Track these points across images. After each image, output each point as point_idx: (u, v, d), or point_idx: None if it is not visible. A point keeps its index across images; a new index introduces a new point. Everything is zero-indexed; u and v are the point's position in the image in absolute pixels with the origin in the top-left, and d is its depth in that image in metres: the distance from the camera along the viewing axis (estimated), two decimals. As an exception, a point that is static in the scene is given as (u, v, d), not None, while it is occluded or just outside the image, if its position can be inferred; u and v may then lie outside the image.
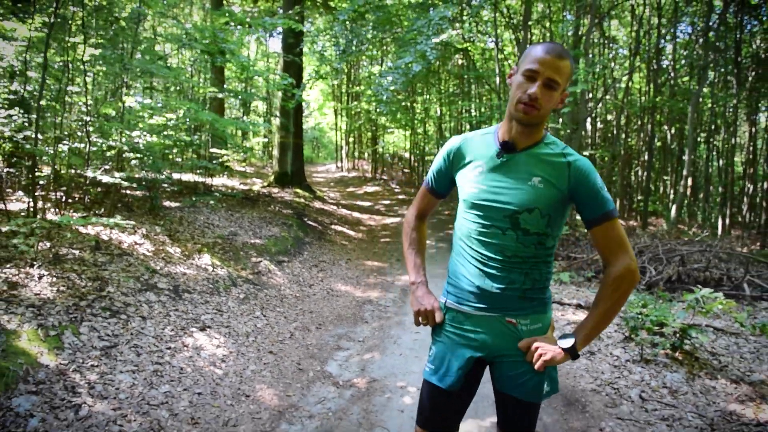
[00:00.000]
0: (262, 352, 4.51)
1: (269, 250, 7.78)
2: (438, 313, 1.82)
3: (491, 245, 1.69)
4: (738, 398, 3.53)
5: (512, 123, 1.69)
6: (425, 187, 1.99)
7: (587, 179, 1.64)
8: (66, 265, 4.97)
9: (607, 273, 1.67)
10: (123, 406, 3.25)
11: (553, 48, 1.62)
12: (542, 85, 1.58)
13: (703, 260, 7.69)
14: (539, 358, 1.62)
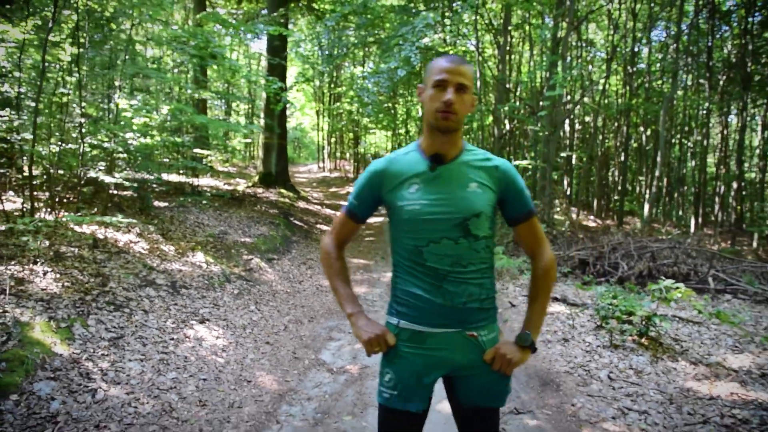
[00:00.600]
0: (259, 342, 4.79)
1: (259, 248, 8.04)
2: (390, 336, 1.77)
3: (446, 257, 1.70)
4: (695, 377, 3.92)
5: (434, 135, 1.74)
6: (346, 215, 1.93)
7: (514, 180, 1.76)
8: (67, 263, 5.19)
9: (536, 266, 1.81)
10: (135, 390, 3.51)
11: (454, 58, 1.73)
12: (454, 90, 1.66)
13: (672, 256, 8.13)
14: (509, 363, 1.71)
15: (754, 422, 3.19)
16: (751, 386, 3.76)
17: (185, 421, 3.29)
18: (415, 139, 10.98)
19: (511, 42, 18.58)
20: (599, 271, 8.02)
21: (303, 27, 24.09)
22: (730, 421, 3.21)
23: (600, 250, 8.48)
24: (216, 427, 3.27)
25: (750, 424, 3.18)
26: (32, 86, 7.43)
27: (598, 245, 8.79)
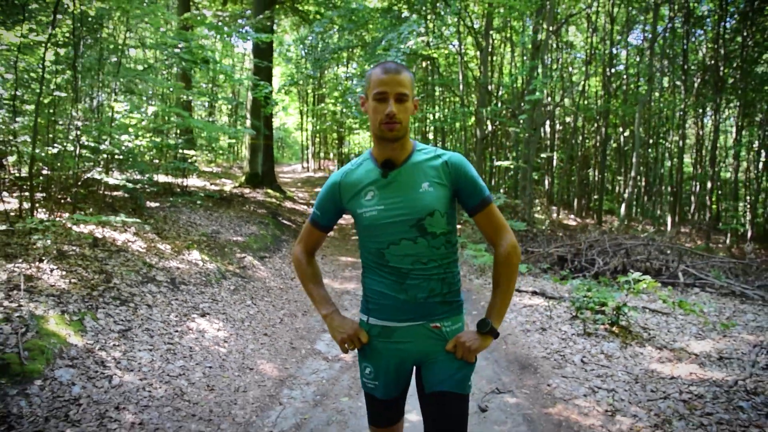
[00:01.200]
0: (257, 334, 5.08)
1: (251, 247, 8.31)
2: (362, 334, 1.88)
3: (407, 257, 1.77)
4: (659, 360, 4.31)
5: (382, 144, 1.81)
6: (312, 225, 2.02)
7: (464, 171, 1.81)
8: (71, 260, 5.43)
9: (497, 253, 1.86)
10: (147, 376, 3.79)
11: (390, 67, 1.76)
12: (394, 101, 1.71)
13: (645, 253, 8.58)
14: (469, 350, 1.79)
15: (708, 397, 3.58)
16: (708, 368, 4.16)
17: (196, 403, 3.59)
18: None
19: (492, 44, 19.00)
20: (576, 267, 8.43)
21: (287, 27, 24.34)
22: (687, 397, 3.60)
23: (577, 247, 8.90)
24: (225, 408, 3.57)
25: (704, 398, 3.57)
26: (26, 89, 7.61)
27: (575, 243, 9.21)
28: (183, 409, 3.49)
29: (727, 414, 3.36)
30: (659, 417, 3.36)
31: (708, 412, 3.40)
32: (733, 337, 5.03)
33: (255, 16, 14.94)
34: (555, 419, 3.37)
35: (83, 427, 3.06)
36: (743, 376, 3.92)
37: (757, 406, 3.45)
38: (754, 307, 6.44)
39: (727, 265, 8.99)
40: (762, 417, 3.31)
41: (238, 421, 3.42)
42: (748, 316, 5.95)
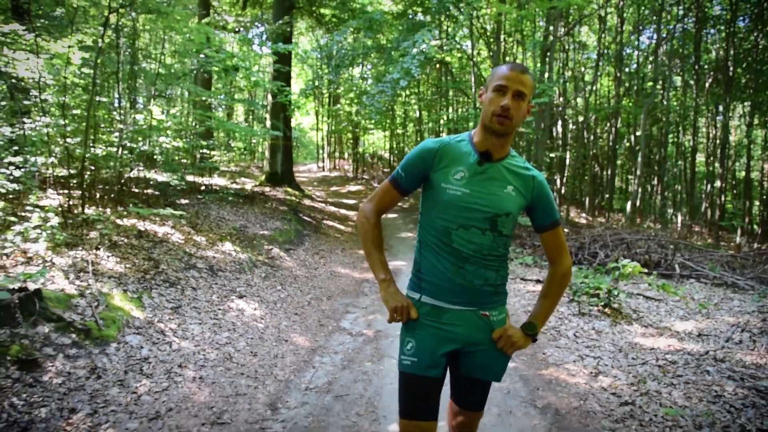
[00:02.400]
0: (289, 313, 5.74)
1: (277, 240, 8.98)
2: (413, 310, 1.91)
3: (471, 244, 1.83)
4: (643, 335, 4.89)
5: (488, 135, 1.86)
6: (391, 184, 2.02)
7: (546, 192, 1.92)
8: (122, 249, 6.12)
9: (553, 270, 1.99)
10: (200, 344, 4.46)
11: (517, 65, 1.84)
12: (512, 97, 1.78)
13: (645, 246, 9.11)
14: (512, 345, 1.89)
15: (680, 363, 4.16)
16: (686, 342, 4.74)
17: (243, 365, 4.24)
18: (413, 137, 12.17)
19: (505, 47, 19.51)
20: (580, 259, 8.99)
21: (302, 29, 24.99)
22: (663, 363, 4.19)
23: (581, 241, 9.45)
24: (267, 369, 4.22)
25: (677, 364, 4.15)
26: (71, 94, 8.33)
27: (580, 237, 9.76)
28: (233, 368, 4.15)
29: (694, 376, 3.95)
30: (636, 378, 3.95)
31: (678, 374, 3.99)
32: (716, 319, 5.59)
33: (274, 21, 15.67)
34: (546, 378, 3.98)
35: (155, 379, 3.73)
36: (715, 348, 4.50)
37: (721, 370, 4.03)
38: (742, 296, 6.97)
39: (725, 258, 9.49)
40: (724, 378, 3.89)
41: (279, 379, 4.07)
42: (735, 302, 6.49)
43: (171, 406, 3.41)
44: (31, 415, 2.99)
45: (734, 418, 3.32)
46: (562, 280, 1.98)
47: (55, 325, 3.92)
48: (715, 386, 3.77)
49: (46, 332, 3.80)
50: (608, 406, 3.50)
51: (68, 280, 4.70)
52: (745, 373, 3.98)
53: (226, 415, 3.41)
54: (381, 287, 1.97)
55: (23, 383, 3.23)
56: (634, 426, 3.23)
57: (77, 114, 8.06)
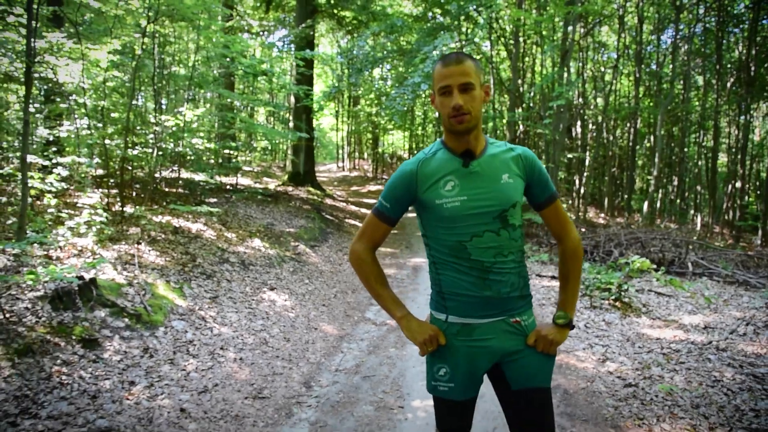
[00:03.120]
0: (317, 305, 6.13)
1: (302, 237, 9.40)
2: (441, 336, 1.83)
3: (490, 249, 1.73)
4: (651, 326, 5.18)
5: (457, 136, 1.78)
6: (378, 217, 1.90)
7: (537, 165, 1.82)
8: (161, 244, 6.56)
9: (563, 247, 1.88)
10: (238, 330, 4.86)
11: (450, 58, 1.73)
12: (459, 92, 1.68)
13: (659, 245, 9.33)
14: (551, 343, 1.79)
15: (684, 351, 4.45)
16: (691, 333, 5.02)
17: (278, 349, 4.64)
18: (431, 137, 12.64)
19: (524, 48, 19.73)
20: (595, 258, 9.25)
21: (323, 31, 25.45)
22: (667, 351, 4.48)
23: (597, 240, 9.71)
24: (300, 353, 4.61)
25: (680, 352, 4.44)
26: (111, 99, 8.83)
27: (595, 236, 10.01)
28: (269, 352, 4.54)
29: (696, 363, 4.24)
30: (641, 364, 4.25)
31: (681, 361, 4.28)
32: (723, 314, 5.84)
33: (297, 25, 16.12)
34: (557, 363, 4.30)
35: (201, 359, 4.13)
36: (718, 339, 4.78)
37: (722, 359, 4.32)
38: (752, 293, 7.18)
39: (739, 258, 9.67)
40: (724, 365, 4.18)
41: (311, 361, 4.45)
42: (744, 299, 6.71)
43: (216, 382, 3.82)
44: (98, 386, 3.41)
45: (730, 399, 3.62)
46: (574, 255, 1.87)
47: (110, 311, 4.35)
48: (715, 372, 4.06)
49: (103, 316, 4.23)
50: (613, 388, 3.82)
51: (116, 271, 5.14)
52: (744, 361, 4.26)
53: (265, 390, 3.80)
54: (401, 325, 1.88)
55: (87, 359, 3.65)
56: (636, 404, 3.54)
57: (115, 117, 8.56)
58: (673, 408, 3.49)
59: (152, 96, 8.44)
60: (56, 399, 3.17)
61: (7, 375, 3.21)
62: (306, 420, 3.41)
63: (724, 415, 3.41)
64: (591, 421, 3.35)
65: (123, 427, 3.06)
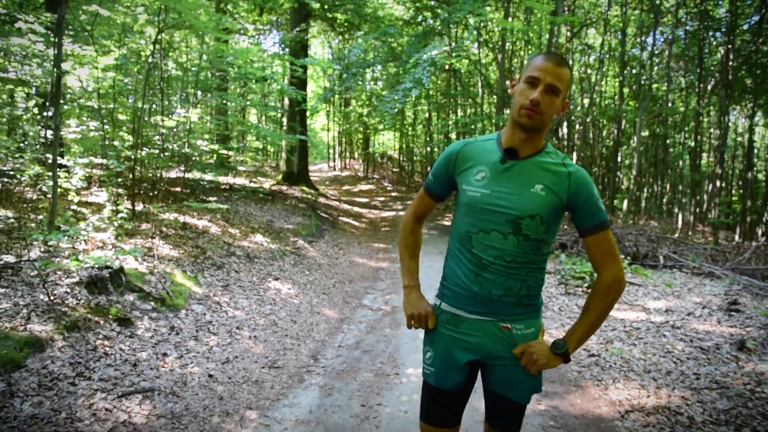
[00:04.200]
0: (318, 293, 6.71)
1: (300, 233, 9.97)
2: (431, 319, 1.85)
3: (491, 249, 1.71)
4: (617, 310, 5.82)
5: (515, 130, 1.72)
6: (425, 192, 1.98)
7: (586, 189, 1.69)
8: (172, 239, 7.10)
9: (598, 280, 1.74)
10: (249, 313, 5.44)
11: (553, 56, 1.68)
12: (543, 90, 1.63)
13: (633, 240, 10.00)
14: (534, 363, 1.70)
15: (643, 329, 5.10)
16: (652, 315, 5.66)
17: (286, 329, 5.22)
18: (421, 137, 13.39)
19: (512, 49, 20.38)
20: (575, 252, 9.89)
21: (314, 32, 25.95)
22: (629, 329, 5.12)
23: (576, 235, 10.35)
24: (305, 333, 5.19)
25: (640, 330, 5.09)
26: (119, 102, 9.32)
27: (575, 231, 10.67)
28: (278, 331, 5.12)
29: (653, 338, 4.88)
30: (605, 339, 4.88)
31: (640, 337, 4.92)
32: (685, 299, 6.49)
33: (291, 29, 16.65)
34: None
35: (220, 336, 4.70)
36: (675, 319, 5.42)
37: (676, 335, 4.96)
38: (715, 283, 7.85)
39: (709, 252, 10.36)
40: (676, 340, 4.82)
41: (316, 339, 5.04)
42: (707, 287, 7.37)
43: (236, 355, 4.39)
44: (136, 357, 3.97)
45: (677, 366, 4.25)
46: (606, 293, 1.73)
47: (138, 295, 4.91)
48: (668, 345, 4.70)
49: (132, 300, 4.78)
50: (578, 357, 4.44)
51: (138, 262, 5.69)
52: (695, 336, 4.90)
53: (279, 362, 4.38)
54: (404, 293, 1.95)
55: (124, 335, 4.21)
56: (596, 370, 4.17)
57: (124, 119, 9.07)
58: (627, 372, 4.12)
59: (159, 99, 8.95)
60: (104, 366, 3.72)
61: (60, 346, 3.76)
62: (316, 384, 4.00)
63: (670, 378, 4.04)
64: (557, 382, 3.97)
65: (163, 388, 3.63)
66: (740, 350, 4.56)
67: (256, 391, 3.83)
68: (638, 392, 3.79)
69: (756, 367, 4.19)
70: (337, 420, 3.40)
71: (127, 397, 3.42)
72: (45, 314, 4.00)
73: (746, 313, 5.61)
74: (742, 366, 4.24)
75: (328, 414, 3.48)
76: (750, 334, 4.87)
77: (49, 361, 3.54)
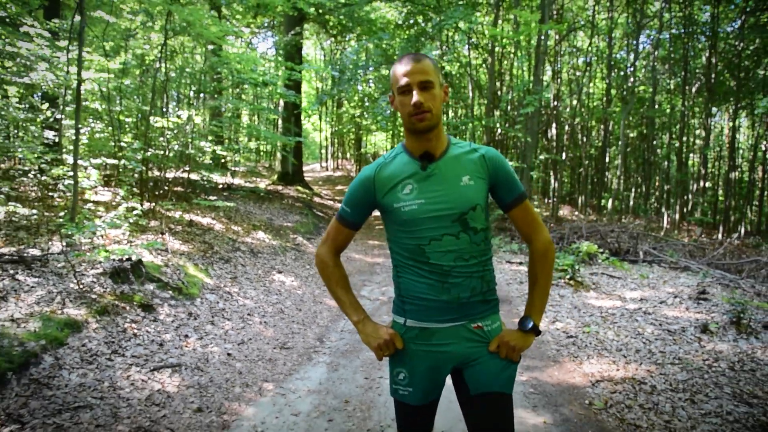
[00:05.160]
0: (319, 285, 7.18)
1: (299, 230, 10.42)
2: (397, 340, 1.81)
3: (449, 253, 1.71)
4: (596, 299, 6.34)
5: (417, 137, 1.74)
6: (340, 223, 1.92)
7: (502, 166, 1.75)
8: (181, 235, 7.54)
9: (533, 249, 1.80)
10: (257, 302, 5.89)
11: (409, 58, 1.70)
12: (419, 90, 1.65)
13: (615, 237, 10.55)
14: (514, 350, 1.74)
15: (618, 315, 5.61)
16: (628, 303, 6.18)
17: (292, 316, 5.68)
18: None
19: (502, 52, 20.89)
20: (561, 248, 10.42)
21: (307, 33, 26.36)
22: (605, 315, 5.64)
23: (562, 232, 10.89)
24: (310, 319, 5.66)
25: (615, 315, 5.60)
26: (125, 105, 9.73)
27: (561, 229, 11.20)
28: (286, 318, 5.59)
29: (626, 323, 5.39)
30: (583, 323, 5.39)
31: (614, 321, 5.43)
32: (659, 290, 7.02)
33: (286, 32, 17.08)
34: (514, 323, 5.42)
35: (234, 322, 5.16)
36: (647, 306, 5.95)
37: (647, 320, 5.48)
38: (689, 275, 8.41)
39: (687, 248, 10.94)
40: (647, 324, 5.33)
41: (320, 325, 5.51)
42: (681, 279, 7.92)
43: (250, 337, 4.85)
44: (162, 338, 4.42)
45: (645, 345, 4.76)
46: (544, 257, 1.80)
47: (156, 285, 5.35)
48: (639, 328, 5.21)
49: (152, 289, 5.23)
50: (558, 338, 4.95)
51: (152, 255, 6.12)
52: (664, 321, 5.42)
53: (289, 343, 4.85)
54: (358, 329, 1.89)
55: (149, 319, 4.66)
56: (573, 348, 4.67)
57: (130, 121, 9.49)
58: (601, 351, 4.63)
59: (163, 102, 9.38)
60: (134, 345, 4.17)
61: (94, 328, 4.20)
62: (323, 362, 4.47)
63: (638, 356, 4.55)
64: (538, 358, 4.47)
65: (189, 364, 4.08)
66: (703, 332, 5.08)
67: (271, 367, 4.30)
68: (609, 366, 4.30)
69: (715, 347, 4.71)
70: (344, 390, 3.87)
71: (159, 371, 3.87)
72: (77, 300, 4.44)
73: (713, 301, 6.14)
74: (704, 345, 4.76)
75: (336, 385, 3.95)
76: (714, 319, 5.40)
77: (87, 340, 3.99)
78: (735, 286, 7.42)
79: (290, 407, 3.55)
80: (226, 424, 3.29)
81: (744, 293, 6.85)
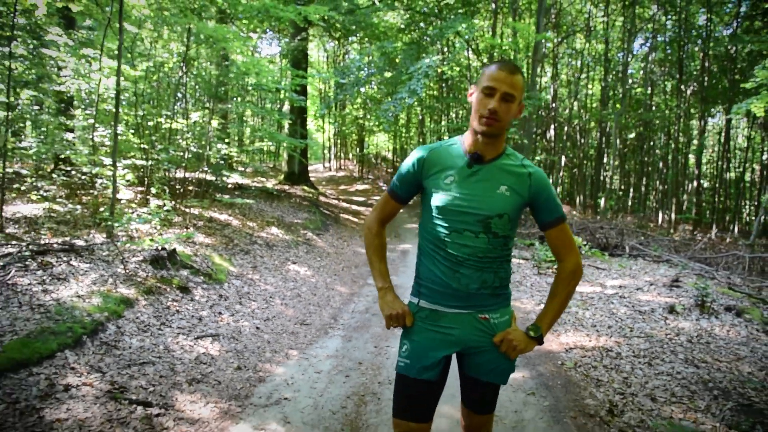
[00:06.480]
0: (330, 274, 7.92)
1: (308, 226, 11.16)
2: (408, 317, 1.93)
3: (465, 247, 1.82)
4: (580, 286, 7.04)
5: (477, 136, 1.83)
6: (389, 194, 2.06)
7: (545, 188, 1.86)
8: (202, 229, 8.27)
9: (561, 268, 1.94)
10: (277, 288, 6.63)
11: (506, 65, 1.81)
12: (500, 99, 1.76)
13: (604, 232, 11.28)
14: (513, 349, 1.85)
15: (596, 299, 6.34)
16: (607, 289, 6.91)
17: (309, 299, 6.42)
18: (414, 139, 14.88)
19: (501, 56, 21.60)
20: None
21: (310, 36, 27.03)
22: (585, 298, 6.36)
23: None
24: (324, 302, 6.40)
25: (594, 298, 6.33)
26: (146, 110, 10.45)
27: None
28: (303, 301, 6.32)
29: (602, 305, 6.12)
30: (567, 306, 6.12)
31: (592, 304, 6.16)
32: (638, 279, 7.75)
33: (293, 38, 17.79)
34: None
35: (258, 303, 5.90)
36: (624, 292, 6.67)
37: (622, 303, 6.20)
38: (669, 267, 9.13)
39: (673, 243, 11.66)
40: (621, 306, 6.06)
41: (334, 307, 6.24)
42: (660, 271, 8.64)
43: (274, 315, 5.59)
44: (199, 314, 5.15)
45: (617, 322, 5.49)
46: (569, 279, 1.93)
47: (190, 271, 6.09)
48: (614, 309, 5.95)
49: (186, 274, 5.96)
50: (541, 317, 5.68)
51: (182, 246, 6.86)
52: (636, 304, 6.15)
53: (307, 321, 5.59)
54: (379, 295, 2.01)
55: (187, 299, 5.39)
56: (555, 326, 5.39)
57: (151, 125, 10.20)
58: (577, 326, 5.36)
59: (184, 107, 10.10)
60: (177, 319, 4.91)
61: (143, 304, 4.93)
62: (338, 335, 5.20)
63: (610, 330, 5.28)
64: (523, 332, 5.20)
65: (225, 334, 4.82)
66: (670, 313, 5.81)
67: (294, 339, 5.03)
68: (582, 338, 5.03)
69: (679, 324, 5.43)
70: (357, 355, 4.60)
71: (201, 339, 4.61)
72: (126, 282, 5.17)
73: (683, 287, 6.87)
74: (669, 323, 5.49)
75: (350, 352, 4.69)
76: (681, 302, 6.12)
77: (139, 314, 4.72)
78: (710, 276, 8.14)
79: (313, 367, 4.29)
80: (262, 379, 4.02)
81: (718, 283, 7.57)
